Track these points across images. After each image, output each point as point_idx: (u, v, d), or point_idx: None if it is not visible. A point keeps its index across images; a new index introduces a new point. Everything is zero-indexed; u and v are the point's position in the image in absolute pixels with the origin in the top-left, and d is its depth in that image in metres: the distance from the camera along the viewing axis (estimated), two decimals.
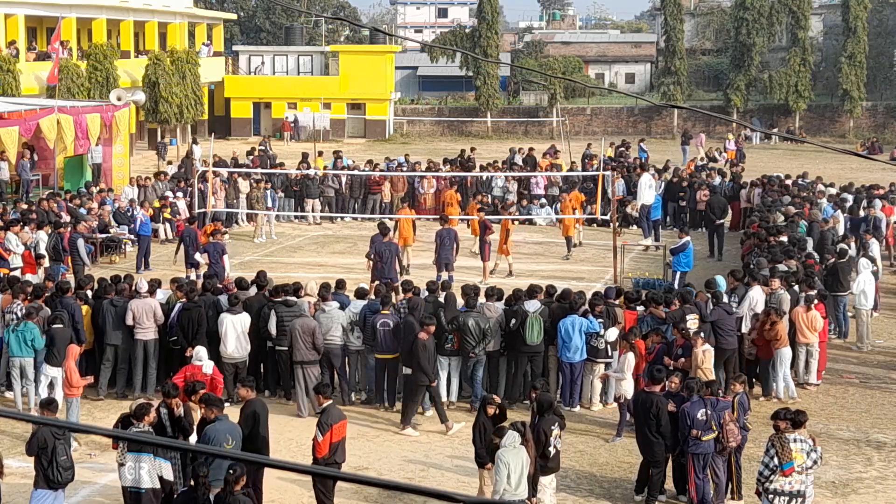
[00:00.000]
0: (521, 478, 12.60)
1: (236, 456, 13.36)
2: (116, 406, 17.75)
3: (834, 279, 21.93)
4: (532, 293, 18.46)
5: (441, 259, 24.93)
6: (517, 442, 12.76)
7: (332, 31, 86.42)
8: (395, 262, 23.85)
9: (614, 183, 29.82)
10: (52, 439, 13.03)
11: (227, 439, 12.98)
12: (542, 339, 17.85)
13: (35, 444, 13.11)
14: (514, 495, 12.40)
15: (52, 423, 12.96)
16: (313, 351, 17.66)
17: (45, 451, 13.03)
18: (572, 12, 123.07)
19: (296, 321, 17.77)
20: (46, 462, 13.06)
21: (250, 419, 13.98)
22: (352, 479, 8.83)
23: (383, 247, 23.80)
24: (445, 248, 24.93)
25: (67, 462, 13.19)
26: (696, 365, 16.42)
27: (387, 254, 23.67)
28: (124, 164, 37.27)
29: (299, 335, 17.58)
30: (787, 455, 13.19)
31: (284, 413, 17.60)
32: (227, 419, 13.36)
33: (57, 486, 13.19)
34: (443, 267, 24.81)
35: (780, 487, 13.26)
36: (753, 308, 18.88)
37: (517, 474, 12.58)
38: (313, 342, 17.62)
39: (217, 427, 13.18)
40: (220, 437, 13.01)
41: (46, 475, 13.09)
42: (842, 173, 40.81)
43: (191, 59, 50.55)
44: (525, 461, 12.71)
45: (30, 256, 23.77)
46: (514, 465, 12.59)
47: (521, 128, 62.88)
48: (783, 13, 61.36)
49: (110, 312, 18.32)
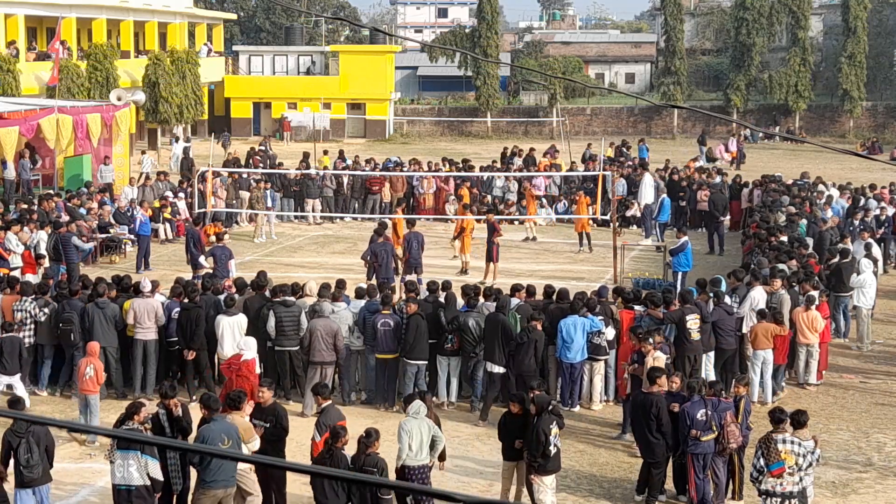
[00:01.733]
0: (423, 445, 13.49)
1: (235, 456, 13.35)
2: (116, 406, 17.73)
3: (836, 279, 21.93)
4: (512, 292, 18.59)
5: (411, 262, 24.84)
6: (422, 412, 13.61)
7: (332, 31, 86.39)
8: (391, 262, 23.84)
9: (614, 183, 29.81)
10: (17, 439, 13.00)
11: (222, 439, 12.93)
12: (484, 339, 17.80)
13: (5, 449, 13.10)
14: (416, 460, 13.42)
15: (52, 422, 12.95)
16: (333, 352, 17.67)
17: (11, 453, 13.05)
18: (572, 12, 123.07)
19: (316, 322, 17.74)
20: (15, 463, 13.08)
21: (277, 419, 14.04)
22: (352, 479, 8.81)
23: (379, 247, 23.82)
24: (414, 250, 24.85)
25: (31, 461, 13.04)
26: (646, 373, 16.04)
27: (382, 254, 23.68)
28: (124, 164, 37.25)
29: (321, 336, 17.55)
30: (774, 456, 13.16)
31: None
32: (223, 419, 13.31)
33: (30, 485, 13.11)
34: (412, 270, 24.68)
35: (772, 488, 13.24)
36: (754, 308, 18.86)
37: (418, 441, 13.46)
38: (334, 343, 17.63)
39: (212, 427, 13.14)
40: (215, 436, 12.95)
41: (17, 475, 13.10)
42: (842, 173, 40.80)
43: (191, 59, 50.54)
44: (427, 430, 13.52)
45: (30, 256, 23.77)
46: (416, 433, 13.47)
47: (521, 128, 62.86)
48: (783, 13, 61.34)
49: (97, 314, 18.22)
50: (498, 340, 17.34)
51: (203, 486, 13.02)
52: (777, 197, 29.71)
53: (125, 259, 28.68)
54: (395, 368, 18.01)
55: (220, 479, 12.97)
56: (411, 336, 17.66)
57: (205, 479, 13.00)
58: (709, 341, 17.93)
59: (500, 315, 17.57)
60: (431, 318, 18.00)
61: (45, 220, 26.40)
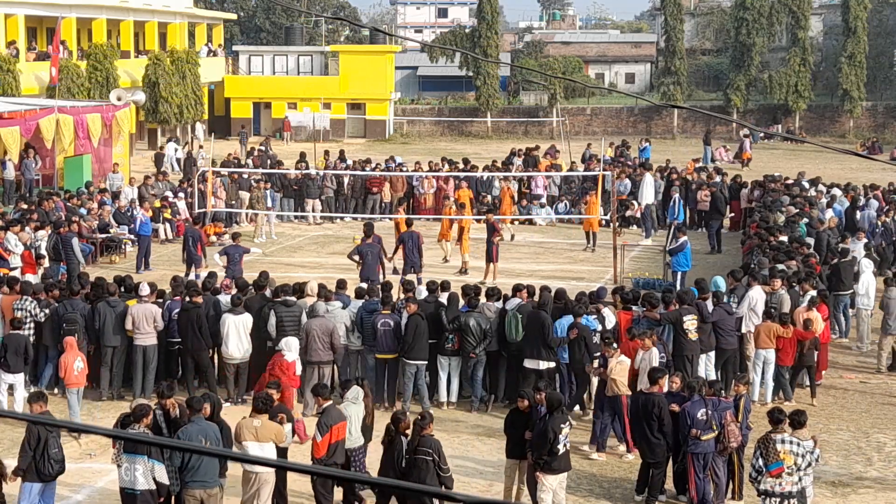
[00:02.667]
0: (357, 428, 14.31)
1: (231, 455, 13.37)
2: (116, 406, 17.75)
3: (836, 279, 21.93)
4: (513, 292, 18.59)
5: (407, 262, 24.83)
6: (360, 397, 14.44)
7: (332, 31, 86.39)
8: (376, 262, 23.85)
9: (615, 183, 29.81)
10: (45, 432, 13.13)
11: (199, 441, 12.95)
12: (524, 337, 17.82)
13: (32, 441, 13.19)
14: (355, 443, 14.18)
15: (52, 422, 12.98)
16: (329, 351, 17.69)
17: (39, 446, 13.16)
18: (572, 12, 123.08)
19: (312, 322, 17.76)
20: (39, 455, 13.15)
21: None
22: (352, 479, 8.83)
23: (365, 248, 23.86)
24: (408, 249, 24.82)
25: (59, 454, 13.32)
26: (609, 377, 16.06)
27: (368, 254, 23.73)
28: (124, 164, 37.26)
29: (317, 335, 17.58)
30: (772, 456, 13.15)
31: None
32: (201, 420, 13.32)
33: (47, 479, 13.29)
34: (409, 270, 24.66)
35: (770, 488, 13.23)
36: (753, 308, 18.85)
37: (356, 426, 14.26)
38: (331, 342, 17.65)
39: (189, 429, 13.19)
40: (192, 438, 13.00)
41: (38, 468, 13.18)
42: (842, 173, 40.79)
43: (191, 59, 50.55)
44: (359, 414, 14.38)
45: (30, 256, 23.77)
46: (355, 418, 14.23)
47: (521, 128, 62.86)
48: (783, 13, 61.34)
49: (109, 314, 18.29)
50: (540, 338, 17.36)
51: (184, 487, 13.11)
52: (777, 197, 29.73)
53: (125, 259, 28.67)
54: (395, 368, 18.02)
55: (197, 480, 13.00)
56: (410, 336, 17.67)
57: (184, 479, 13.07)
58: (709, 341, 17.92)
59: (542, 312, 17.64)
60: (431, 318, 18.00)
61: (45, 220, 26.41)
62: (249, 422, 13.54)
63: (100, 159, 36.28)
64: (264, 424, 13.48)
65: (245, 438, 13.36)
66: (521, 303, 18.26)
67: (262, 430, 13.43)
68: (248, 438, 13.36)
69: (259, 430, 13.41)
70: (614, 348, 16.34)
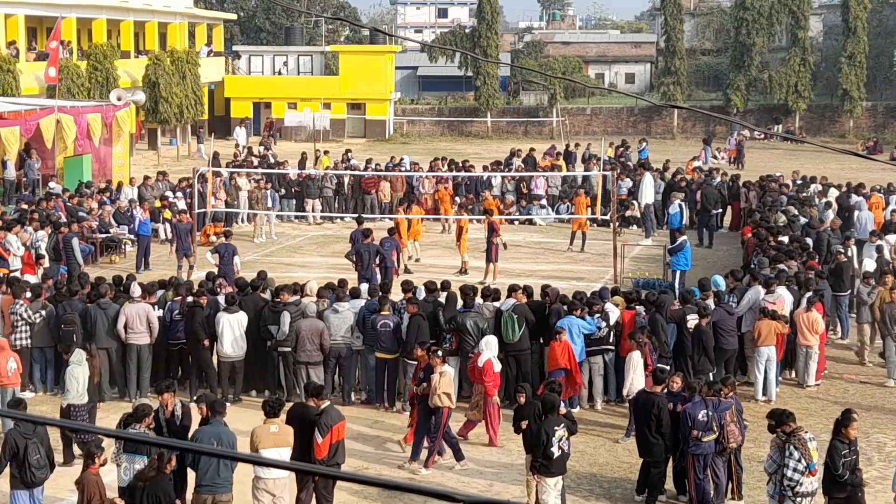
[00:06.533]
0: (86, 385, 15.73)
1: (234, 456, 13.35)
2: (116, 407, 17.75)
3: (836, 279, 21.93)
4: (509, 292, 18.60)
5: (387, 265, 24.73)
6: (83, 358, 15.83)
7: (332, 31, 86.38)
8: (372, 263, 23.83)
9: (615, 183, 29.81)
10: (23, 440, 13.04)
11: (211, 443, 12.90)
12: (521, 337, 17.82)
13: (8, 450, 13.12)
14: (80, 400, 15.55)
15: (52, 422, 12.97)
16: (319, 352, 17.69)
17: (18, 454, 13.06)
18: (572, 12, 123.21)
19: (301, 322, 17.77)
20: (18, 464, 13.08)
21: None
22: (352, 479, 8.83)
23: (363, 248, 23.87)
24: (367, 261, 24.59)
25: (41, 461, 13.15)
26: (433, 391, 15.23)
27: (366, 255, 23.73)
28: (124, 164, 37.27)
29: (306, 336, 17.58)
30: (809, 455, 13.09)
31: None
32: (220, 423, 13.28)
33: (32, 486, 13.19)
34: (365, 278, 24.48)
35: (807, 489, 13.08)
36: (753, 308, 18.85)
37: (83, 385, 15.63)
38: (320, 343, 17.65)
39: (204, 430, 13.17)
40: (205, 440, 12.97)
41: (22, 476, 13.13)
42: (842, 173, 40.76)
43: (191, 60, 50.55)
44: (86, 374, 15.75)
45: (30, 257, 23.75)
46: (81, 377, 15.62)
47: (521, 128, 62.87)
48: (783, 13, 61.33)
49: (100, 315, 18.23)
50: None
51: (195, 491, 13.08)
52: (777, 197, 29.71)
53: (125, 259, 28.68)
54: (396, 368, 18.02)
55: (205, 485, 12.96)
56: (412, 336, 17.64)
57: (196, 483, 13.05)
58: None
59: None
60: (431, 318, 18.01)
61: (45, 220, 26.41)
62: (266, 428, 13.36)
63: (100, 159, 36.29)
64: (281, 429, 13.41)
65: (264, 446, 13.19)
66: (516, 303, 18.25)
67: (279, 435, 13.34)
68: (266, 446, 13.19)
69: (277, 436, 13.32)
70: (439, 356, 15.63)
